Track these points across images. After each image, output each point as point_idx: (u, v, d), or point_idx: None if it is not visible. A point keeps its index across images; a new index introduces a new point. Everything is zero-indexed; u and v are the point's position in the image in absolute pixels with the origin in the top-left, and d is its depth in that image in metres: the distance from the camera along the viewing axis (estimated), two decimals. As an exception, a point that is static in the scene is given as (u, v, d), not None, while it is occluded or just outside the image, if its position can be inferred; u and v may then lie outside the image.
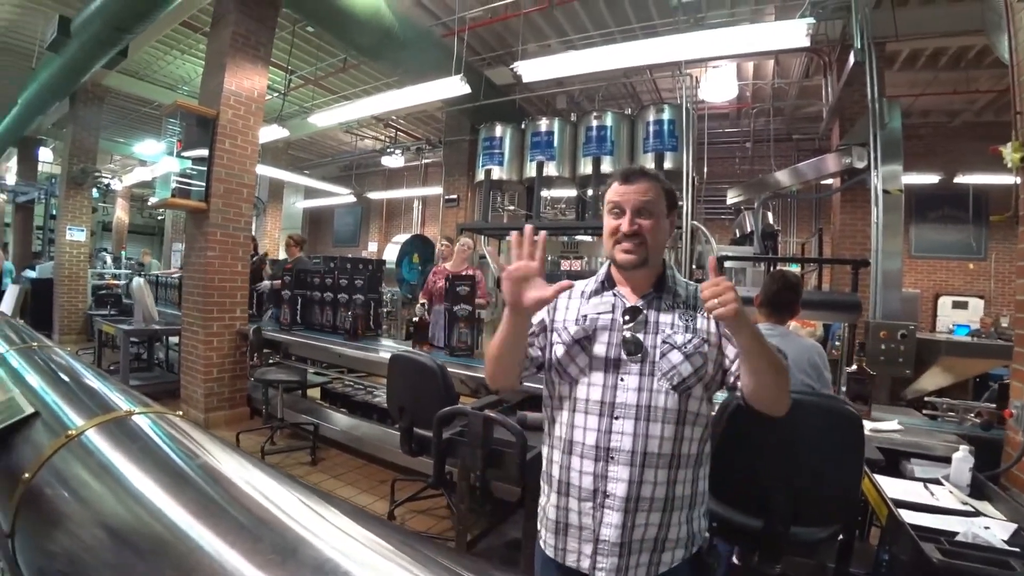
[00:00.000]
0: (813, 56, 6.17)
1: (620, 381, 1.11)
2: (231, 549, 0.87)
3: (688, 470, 1.13)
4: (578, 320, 1.19)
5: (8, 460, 1.45)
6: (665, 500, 1.10)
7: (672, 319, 1.15)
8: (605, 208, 1.20)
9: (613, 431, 1.10)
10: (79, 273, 8.31)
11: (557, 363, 1.18)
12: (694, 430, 1.13)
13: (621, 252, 1.15)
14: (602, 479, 1.09)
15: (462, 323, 3.56)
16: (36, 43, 6.69)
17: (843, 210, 5.65)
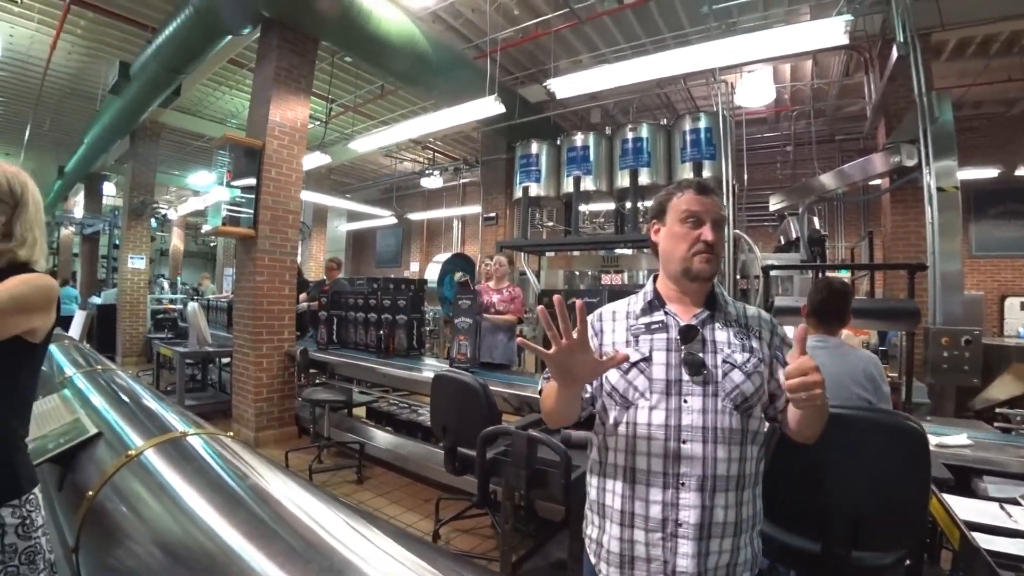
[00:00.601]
0: (853, 53, 5.98)
1: (684, 403, 1.07)
2: (280, 571, 0.89)
3: (751, 490, 1.10)
4: (629, 342, 1.14)
5: (74, 477, 1.53)
6: (736, 524, 1.06)
7: (728, 338, 1.11)
8: (672, 217, 1.16)
9: (682, 456, 1.04)
10: (139, 299, 8.78)
11: (612, 388, 1.13)
12: (753, 449, 1.10)
13: (701, 262, 1.11)
14: (672, 507, 1.04)
15: (461, 336, 3.69)
16: (100, 87, 7.20)
17: (894, 211, 5.41)
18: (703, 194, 1.14)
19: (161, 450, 1.46)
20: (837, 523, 1.47)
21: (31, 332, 1.08)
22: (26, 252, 1.14)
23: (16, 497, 1.06)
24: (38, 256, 1.17)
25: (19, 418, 1.13)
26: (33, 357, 1.14)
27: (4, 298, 1.01)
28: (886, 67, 5.04)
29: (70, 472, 1.57)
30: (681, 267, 1.13)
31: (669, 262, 1.16)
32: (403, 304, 4.35)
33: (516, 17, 5.58)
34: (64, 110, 8.56)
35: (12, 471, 1.08)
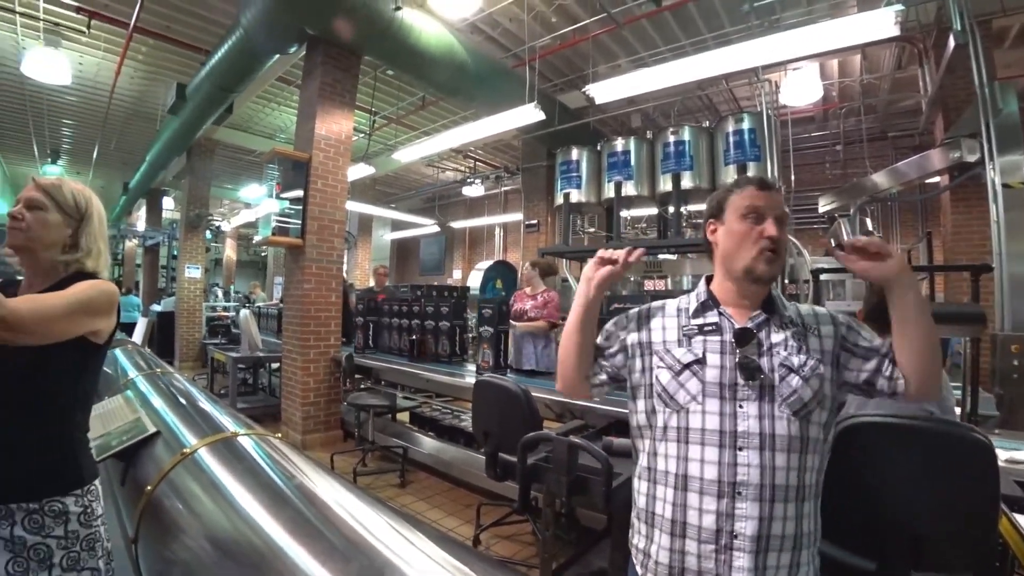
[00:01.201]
0: (905, 45, 5.70)
1: (739, 408, 1.02)
2: (323, 569, 0.92)
3: (811, 502, 1.04)
4: (681, 341, 1.10)
5: (135, 473, 1.62)
6: (796, 538, 1.00)
7: (785, 340, 1.06)
8: (732, 214, 1.11)
9: (739, 463, 1.00)
10: (195, 306, 9.23)
11: (663, 390, 1.08)
12: (814, 459, 1.04)
13: (765, 262, 1.06)
14: (728, 517, 0.98)
15: (485, 344, 3.78)
16: (159, 108, 7.65)
17: (955, 210, 5.12)
18: (765, 189, 1.10)
19: (214, 449, 1.53)
20: (894, 541, 1.38)
21: (95, 334, 1.15)
22: (92, 263, 1.22)
23: (79, 487, 1.13)
24: (102, 267, 1.25)
25: (82, 413, 1.21)
26: (96, 358, 1.21)
27: (72, 299, 1.08)
28: (942, 58, 4.79)
29: (131, 468, 1.66)
30: (744, 266, 1.08)
31: (731, 261, 1.11)
32: (446, 311, 4.41)
33: (553, 24, 5.60)
34: (127, 131, 9.11)
35: (76, 463, 1.16)
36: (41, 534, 1.06)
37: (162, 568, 1.23)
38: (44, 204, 1.18)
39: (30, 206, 1.17)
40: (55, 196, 1.19)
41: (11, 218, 1.17)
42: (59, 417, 1.14)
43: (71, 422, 1.17)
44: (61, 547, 1.08)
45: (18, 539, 1.04)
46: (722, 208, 1.14)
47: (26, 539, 1.05)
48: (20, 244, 1.16)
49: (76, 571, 1.09)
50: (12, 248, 1.18)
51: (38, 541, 1.06)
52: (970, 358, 3.33)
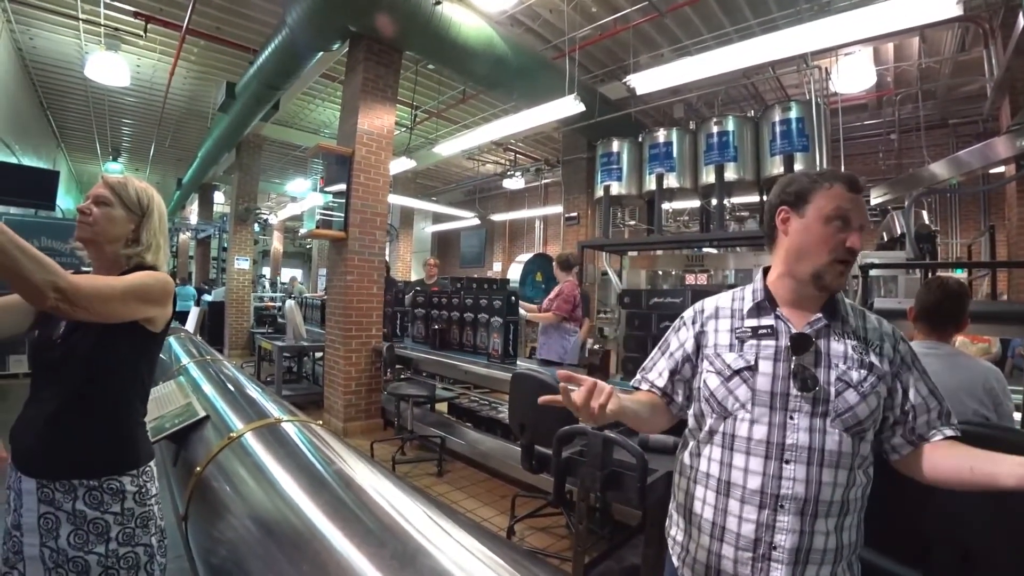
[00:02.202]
0: (969, 25, 5.35)
1: (790, 420, 0.98)
2: (357, 551, 0.95)
3: (855, 515, 1.01)
4: (733, 345, 1.06)
5: (185, 454, 1.71)
6: (836, 551, 0.97)
7: (845, 351, 1.00)
8: (815, 211, 1.02)
9: (784, 476, 0.96)
10: (244, 296, 9.59)
11: (711, 395, 1.05)
12: (862, 474, 1.00)
13: (840, 275, 1.00)
14: (767, 528, 0.96)
15: (496, 334, 3.89)
16: (210, 106, 7.95)
17: (1021, 202, 4.81)
18: (856, 191, 1.01)
19: (258, 434, 1.59)
20: (941, 553, 1.32)
21: (150, 321, 1.21)
22: (151, 256, 1.29)
23: (135, 467, 1.21)
24: (161, 261, 1.32)
25: (140, 398, 1.28)
26: (153, 345, 1.28)
27: (129, 284, 1.14)
28: (1011, 38, 4.47)
29: (183, 449, 1.75)
30: (813, 271, 1.01)
31: (799, 261, 1.03)
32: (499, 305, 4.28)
33: (594, 15, 5.52)
34: (181, 129, 9.53)
35: (133, 444, 1.23)
36: (100, 510, 1.14)
37: (209, 545, 1.29)
38: (110, 200, 1.25)
39: (98, 202, 1.25)
40: (120, 193, 1.27)
41: (80, 213, 1.25)
42: (118, 401, 1.22)
43: (130, 406, 1.24)
44: (117, 523, 1.15)
45: (79, 513, 1.12)
46: (804, 200, 1.04)
47: (86, 513, 1.12)
48: (88, 237, 1.24)
49: (131, 546, 1.16)
50: (80, 241, 1.26)
51: (97, 516, 1.13)
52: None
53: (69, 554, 1.10)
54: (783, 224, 1.07)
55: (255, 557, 1.08)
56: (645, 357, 3.53)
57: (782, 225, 1.07)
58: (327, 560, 0.94)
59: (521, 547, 1.54)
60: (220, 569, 1.18)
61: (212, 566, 1.23)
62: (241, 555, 1.12)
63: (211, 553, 1.26)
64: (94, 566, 1.11)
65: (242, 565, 1.09)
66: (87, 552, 1.11)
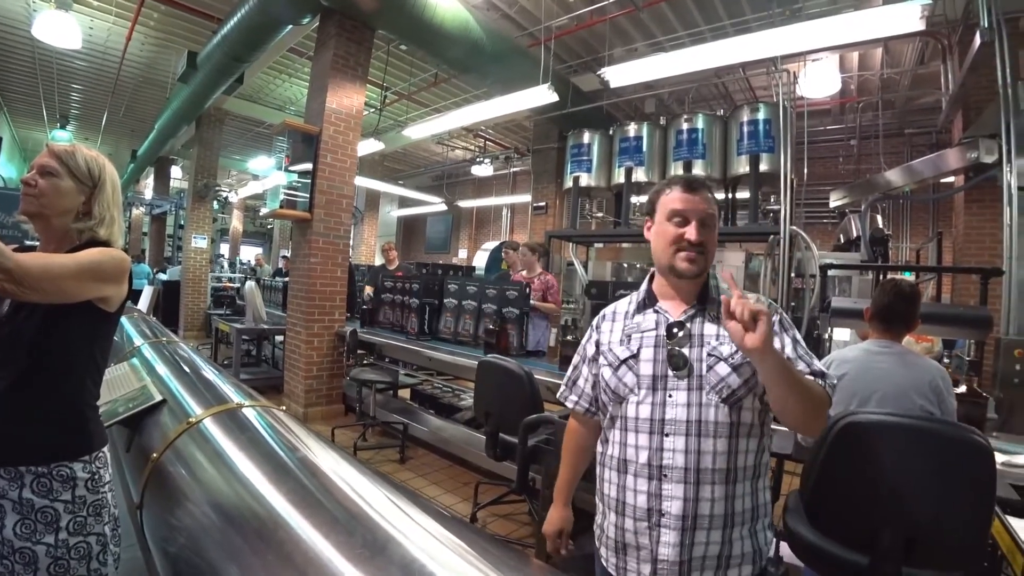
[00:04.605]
0: (929, 40, 5.58)
1: (668, 397, 1.10)
2: (324, 540, 0.93)
3: (746, 483, 1.11)
4: (622, 340, 1.19)
5: (140, 440, 1.64)
6: (725, 516, 1.07)
7: (717, 331, 1.12)
8: (660, 214, 1.17)
9: (664, 448, 1.08)
10: (201, 276, 9.27)
11: (606, 384, 1.19)
12: (749, 442, 1.11)
13: (684, 261, 1.12)
14: (656, 498, 1.08)
15: (510, 325, 3.75)
16: (170, 76, 7.59)
17: (968, 211, 5.06)
18: (691, 191, 1.14)
19: (218, 419, 1.54)
20: (887, 537, 1.39)
21: (104, 300, 1.15)
22: (105, 231, 1.22)
23: (87, 453, 1.15)
24: (116, 235, 1.25)
25: (93, 380, 1.21)
26: (107, 325, 1.22)
27: (82, 262, 1.08)
28: (967, 55, 4.68)
29: (137, 435, 1.68)
30: (666, 264, 1.15)
31: (657, 259, 1.18)
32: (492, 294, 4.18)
33: (571, 5, 5.50)
34: (137, 98, 9.07)
35: (86, 429, 1.17)
36: (49, 498, 1.08)
37: (166, 534, 1.25)
38: (57, 171, 1.18)
39: (43, 172, 1.17)
40: (68, 163, 1.19)
41: (25, 184, 1.17)
42: (70, 383, 1.15)
43: (82, 389, 1.18)
44: (68, 511, 1.10)
45: (26, 501, 1.06)
46: (653, 207, 1.19)
47: (34, 502, 1.07)
48: (34, 210, 1.17)
49: (82, 535, 1.11)
50: (26, 214, 1.18)
51: (46, 504, 1.08)
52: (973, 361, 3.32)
53: (15, 545, 1.05)
54: (648, 232, 1.22)
55: (216, 546, 1.05)
56: (610, 348, 3.57)
57: (647, 233, 1.22)
58: (293, 550, 0.92)
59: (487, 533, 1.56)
60: (178, 558, 1.14)
61: (169, 555, 1.19)
62: (201, 544, 1.09)
63: (168, 542, 1.22)
64: (42, 557, 1.06)
65: (202, 554, 1.06)
66: (35, 542, 1.06)
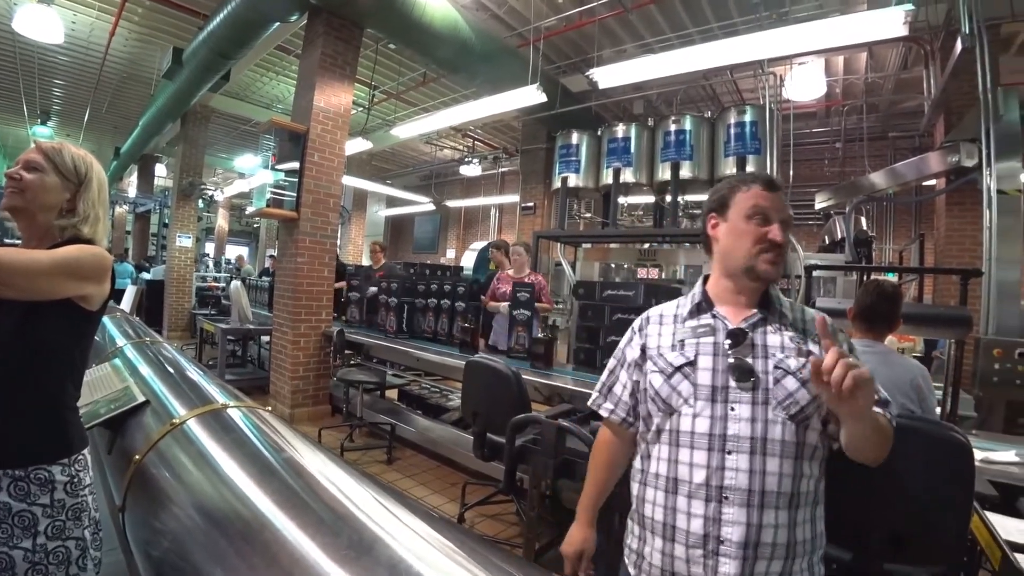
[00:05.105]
0: (912, 45, 5.68)
1: (730, 411, 1.00)
2: (311, 541, 0.93)
3: (807, 509, 1.01)
4: (674, 345, 1.09)
5: (122, 442, 1.62)
6: (787, 546, 0.97)
7: (782, 342, 1.04)
8: (737, 212, 1.08)
9: (726, 467, 0.98)
10: (186, 276, 9.14)
11: (655, 393, 1.08)
12: (812, 465, 1.01)
13: (767, 263, 1.04)
14: (714, 522, 0.97)
15: (520, 327, 3.65)
16: (154, 72, 7.48)
17: (949, 214, 5.16)
18: (772, 190, 1.07)
19: (203, 420, 1.52)
20: (871, 533, 1.42)
21: (85, 299, 1.13)
22: (89, 229, 1.20)
23: (66, 456, 1.12)
24: (101, 234, 1.23)
25: (73, 381, 1.19)
26: (87, 325, 1.19)
27: (58, 259, 1.05)
28: (948, 60, 4.77)
29: (119, 437, 1.66)
30: (744, 265, 1.06)
31: (730, 259, 1.09)
32: (463, 291, 4.25)
33: (560, 5, 5.51)
34: (121, 94, 8.94)
35: (64, 431, 1.14)
36: (27, 501, 1.05)
37: (149, 537, 1.23)
38: (43, 166, 1.16)
39: (28, 168, 1.15)
40: (54, 159, 1.18)
41: (9, 179, 1.15)
42: (49, 384, 1.13)
43: (61, 390, 1.15)
44: (46, 515, 1.07)
45: (3, 505, 1.04)
46: (726, 204, 1.11)
47: (11, 505, 1.04)
48: (17, 205, 1.14)
49: (61, 540, 1.09)
50: (8, 210, 1.16)
51: (23, 508, 1.05)
52: (953, 360, 3.38)
53: (-9, 549, 1.02)
54: (713, 230, 1.13)
55: (200, 549, 1.03)
56: (597, 348, 3.56)
57: (712, 231, 1.13)
58: (279, 551, 0.91)
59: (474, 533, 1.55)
60: (162, 562, 1.12)
61: (153, 558, 1.17)
62: (185, 547, 1.07)
63: (152, 545, 1.20)
64: (20, 562, 1.03)
65: (186, 557, 1.04)
66: (12, 547, 1.03)
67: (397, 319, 4.54)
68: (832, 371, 0.83)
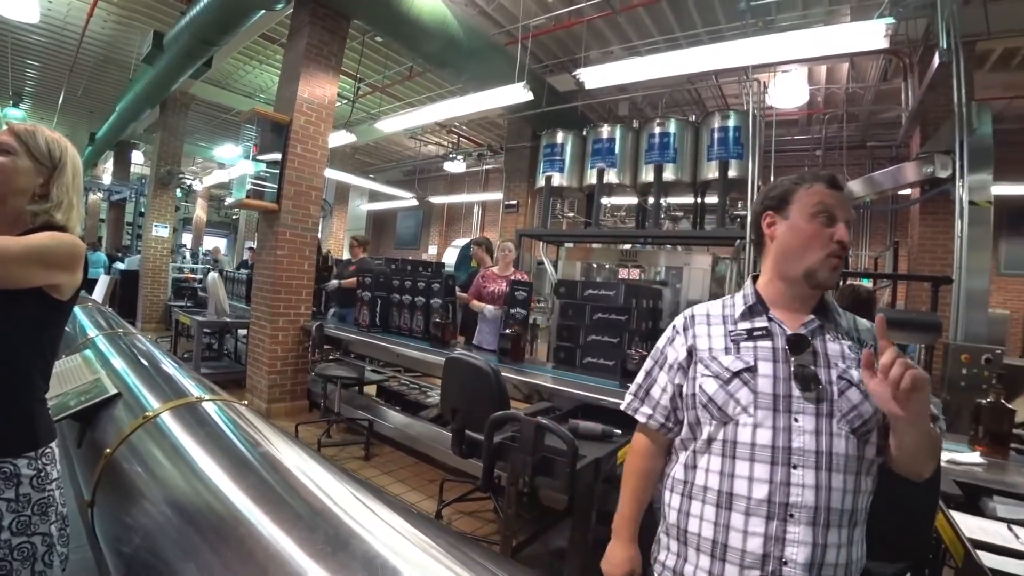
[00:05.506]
0: (892, 58, 5.81)
1: (794, 422, 0.93)
2: (286, 536, 0.92)
3: (863, 527, 0.97)
4: (728, 348, 1.02)
5: (93, 435, 1.58)
6: (847, 566, 0.92)
7: (842, 351, 0.98)
8: (799, 210, 1.02)
9: (792, 483, 0.90)
10: (161, 266, 8.96)
11: (709, 400, 1.00)
12: (868, 481, 0.96)
13: (829, 268, 0.98)
14: (777, 542, 0.89)
15: (517, 326, 3.61)
16: (133, 56, 7.31)
17: (923, 223, 5.29)
18: (837, 188, 1.01)
19: (177, 414, 1.50)
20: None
21: (55, 288, 1.09)
22: (62, 215, 1.16)
23: (33, 449, 1.09)
24: (74, 221, 1.19)
25: (42, 373, 1.15)
26: (58, 314, 1.16)
27: (30, 246, 1.02)
28: (926, 74, 4.89)
29: (89, 430, 1.62)
30: (805, 269, 1.00)
31: (789, 261, 1.02)
32: (437, 287, 4.22)
33: (549, 5, 5.52)
34: (98, 77, 8.70)
35: (31, 423, 1.11)
36: (-9, 495, 1.02)
37: (120, 533, 1.20)
38: (15, 149, 1.12)
39: (0, 150, 1.11)
40: (27, 142, 1.14)
41: None
42: (16, 375, 1.09)
43: (29, 381, 1.12)
44: (11, 510, 1.04)
45: (-34, 498, 1.01)
46: (786, 201, 1.04)
47: (-26, 499, 1.01)
48: None
49: (26, 536, 1.06)
50: None
51: (-13, 502, 1.02)
52: (923, 364, 3.48)
53: (-47, 544, 0.99)
54: (769, 228, 1.07)
55: (173, 545, 1.01)
56: (577, 347, 3.57)
57: (768, 230, 1.07)
58: (253, 546, 0.90)
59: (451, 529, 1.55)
60: (132, 559, 1.10)
61: (123, 555, 1.14)
62: (157, 543, 1.05)
63: (122, 542, 1.17)
64: (-18, 556, 1.01)
65: (158, 554, 1.02)
66: (-26, 542, 1.00)
67: (371, 313, 4.52)
68: (890, 369, 0.80)
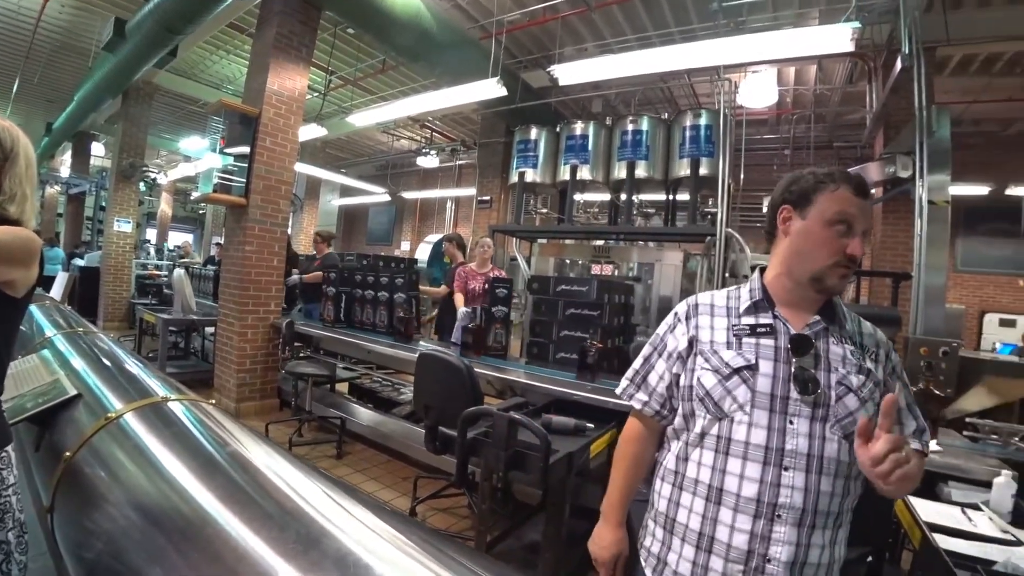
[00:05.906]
0: (858, 61, 5.99)
1: (789, 424, 0.93)
2: (256, 536, 0.90)
3: (843, 530, 0.98)
4: (731, 343, 1.00)
5: (51, 438, 1.52)
6: (829, 566, 0.94)
7: (844, 355, 0.97)
8: (818, 214, 0.98)
9: (782, 484, 0.91)
10: (124, 263, 8.66)
11: (706, 395, 0.99)
12: (856, 484, 0.97)
13: (840, 278, 0.97)
14: (762, 540, 0.91)
15: (498, 324, 3.62)
16: (93, 43, 7.04)
17: (885, 221, 5.47)
18: (862, 195, 0.97)
19: (141, 414, 1.45)
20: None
21: (10, 285, 1.05)
22: (15, 209, 1.11)
23: None
24: (29, 214, 1.14)
25: None
26: (12, 312, 1.11)
27: None
28: (889, 78, 5.05)
29: (48, 433, 1.55)
30: (812, 274, 0.98)
31: (799, 262, 1.00)
32: (401, 283, 4.23)
33: (524, 0, 5.51)
34: (55, 65, 8.35)
35: None
36: (-57, 500, 0.98)
37: (81, 538, 1.16)
38: None
39: None
40: None
41: None
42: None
43: None
44: (-35, 515, 1.00)
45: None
46: (808, 200, 1.00)
47: (-75, 504, 0.97)
48: None
49: (-18, 541, 1.02)
50: None
51: (-61, 508, 0.98)
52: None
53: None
54: (784, 223, 1.04)
55: (137, 548, 0.98)
56: (550, 342, 3.59)
57: (783, 224, 1.04)
58: (222, 547, 0.88)
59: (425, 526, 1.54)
60: (95, 564, 1.06)
61: (84, 561, 1.10)
62: (120, 547, 1.02)
63: (83, 547, 1.13)
64: (-67, 564, 0.96)
65: (121, 558, 0.99)
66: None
67: (335, 309, 4.48)
68: (881, 461, 0.80)
